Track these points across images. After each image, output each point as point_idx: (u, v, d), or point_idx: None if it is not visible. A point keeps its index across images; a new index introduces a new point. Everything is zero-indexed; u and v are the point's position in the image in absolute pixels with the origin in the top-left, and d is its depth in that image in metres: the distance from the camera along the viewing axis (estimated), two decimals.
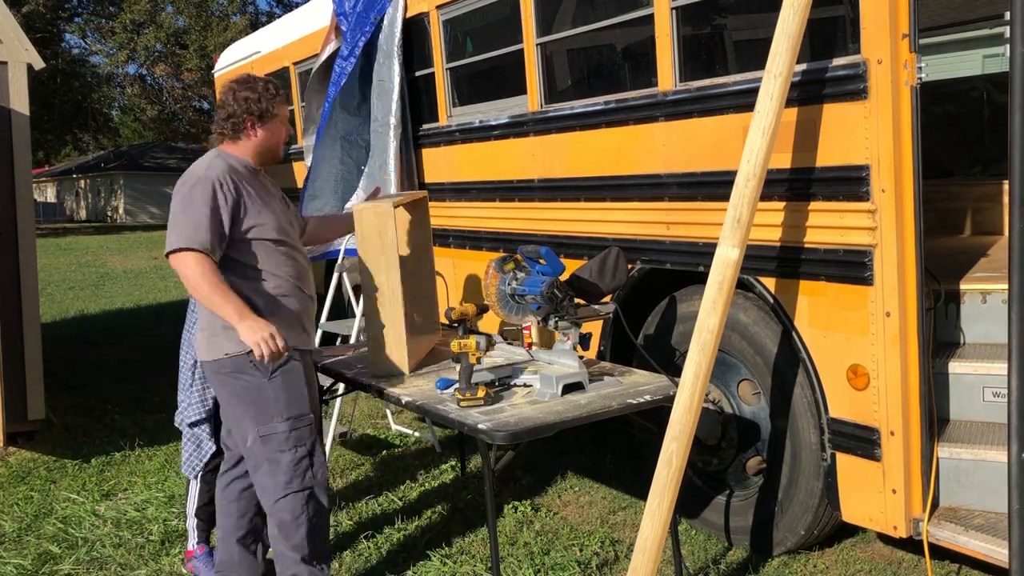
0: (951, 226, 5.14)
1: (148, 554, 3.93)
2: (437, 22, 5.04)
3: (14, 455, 5.46)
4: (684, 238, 3.71)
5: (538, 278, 3.25)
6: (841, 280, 3.15)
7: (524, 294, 3.30)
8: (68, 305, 12.59)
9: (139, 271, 17.59)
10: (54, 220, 44.43)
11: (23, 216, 5.73)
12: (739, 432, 3.77)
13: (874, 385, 3.10)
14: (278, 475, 3.08)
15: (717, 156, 3.51)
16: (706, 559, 3.66)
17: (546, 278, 3.21)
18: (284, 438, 3.08)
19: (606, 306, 3.48)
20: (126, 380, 7.46)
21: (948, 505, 3.16)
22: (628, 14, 3.89)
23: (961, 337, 3.45)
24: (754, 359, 3.59)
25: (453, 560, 3.73)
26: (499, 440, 2.89)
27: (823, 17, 3.43)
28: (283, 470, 3.08)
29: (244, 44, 8.24)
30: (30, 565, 3.86)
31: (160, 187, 43.21)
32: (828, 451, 3.31)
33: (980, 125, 5.70)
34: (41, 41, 29.14)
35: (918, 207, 2.97)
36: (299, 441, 3.11)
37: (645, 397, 3.15)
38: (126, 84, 38.82)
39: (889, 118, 2.93)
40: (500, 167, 4.71)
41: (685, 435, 2.93)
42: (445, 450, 5.17)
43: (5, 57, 5.62)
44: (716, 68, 3.67)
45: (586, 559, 3.66)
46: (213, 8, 35.96)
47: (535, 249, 3.32)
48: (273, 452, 3.08)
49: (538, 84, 4.41)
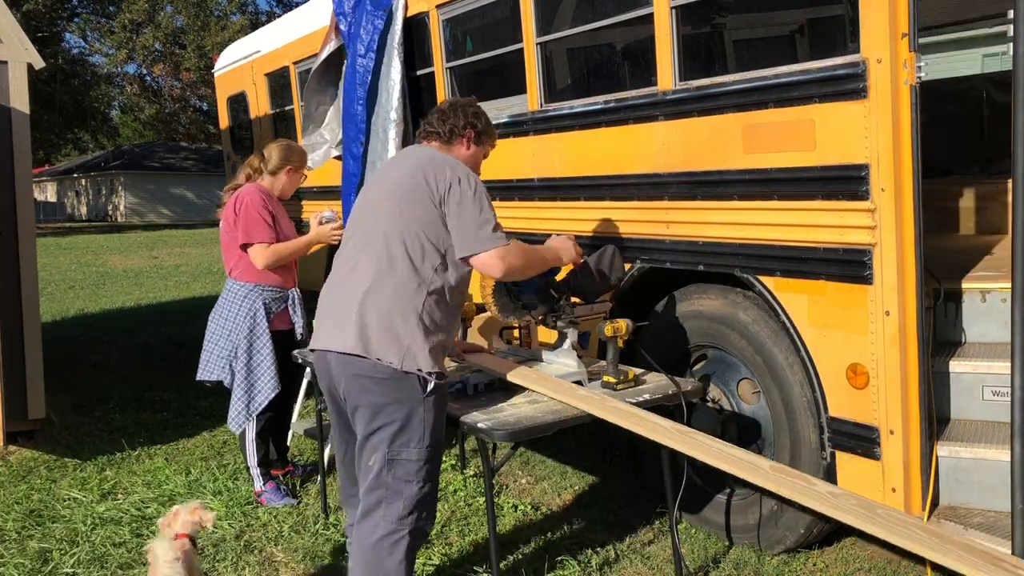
0: (951, 225, 5.14)
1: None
2: (437, 21, 5.05)
3: (14, 454, 5.47)
4: (684, 237, 3.72)
5: (534, 278, 3.23)
6: (841, 279, 3.15)
7: (520, 294, 3.29)
8: (68, 304, 12.60)
9: (139, 270, 17.60)
10: (54, 219, 44.43)
11: (23, 215, 5.73)
12: (739, 431, 3.77)
13: (873, 384, 3.11)
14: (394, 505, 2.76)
15: (717, 155, 3.51)
16: (706, 558, 3.66)
17: (542, 278, 3.21)
18: (416, 468, 2.77)
19: (603, 304, 3.48)
20: (126, 379, 7.46)
21: (948, 504, 3.16)
22: (628, 13, 3.89)
23: (961, 336, 3.45)
24: (754, 358, 3.59)
25: (453, 559, 3.73)
26: (499, 439, 2.90)
27: (822, 16, 3.43)
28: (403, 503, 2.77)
29: (244, 43, 8.24)
30: (30, 564, 3.86)
31: (167, 187, 43.28)
32: (828, 450, 3.32)
33: (979, 124, 5.70)
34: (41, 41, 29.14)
35: (917, 206, 2.97)
36: (430, 476, 2.81)
37: (645, 396, 3.15)
38: (125, 83, 38.84)
39: (888, 117, 2.93)
40: (500, 166, 4.71)
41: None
42: (445, 449, 5.18)
43: (5, 56, 5.62)
44: (716, 68, 3.67)
45: (586, 558, 3.66)
46: (212, 8, 35.97)
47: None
48: (399, 481, 2.77)
49: (538, 83, 4.41)
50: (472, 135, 3.12)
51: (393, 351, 2.74)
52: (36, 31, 29.62)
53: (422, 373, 2.76)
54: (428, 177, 2.85)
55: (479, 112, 3.17)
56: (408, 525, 2.76)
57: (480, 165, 3.22)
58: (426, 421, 2.77)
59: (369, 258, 2.83)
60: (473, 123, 3.12)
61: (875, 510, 2.55)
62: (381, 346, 2.74)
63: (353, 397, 2.80)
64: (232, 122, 8.57)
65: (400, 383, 2.74)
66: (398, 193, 2.87)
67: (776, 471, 2.81)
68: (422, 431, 2.76)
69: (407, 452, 2.76)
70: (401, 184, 2.89)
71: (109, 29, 36.34)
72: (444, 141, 3.11)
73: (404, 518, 2.76)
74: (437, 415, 2.82)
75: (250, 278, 4.39)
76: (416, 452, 2.76)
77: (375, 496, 2.78)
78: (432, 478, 2.82)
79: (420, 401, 2.76)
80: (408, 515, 2.76)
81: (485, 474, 3.07)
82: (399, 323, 2.76)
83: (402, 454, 2.75)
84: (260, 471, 4.45)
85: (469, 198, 2.83)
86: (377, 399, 2.76)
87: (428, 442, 2.78)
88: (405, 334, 2.75)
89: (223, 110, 8.64)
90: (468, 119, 3.11)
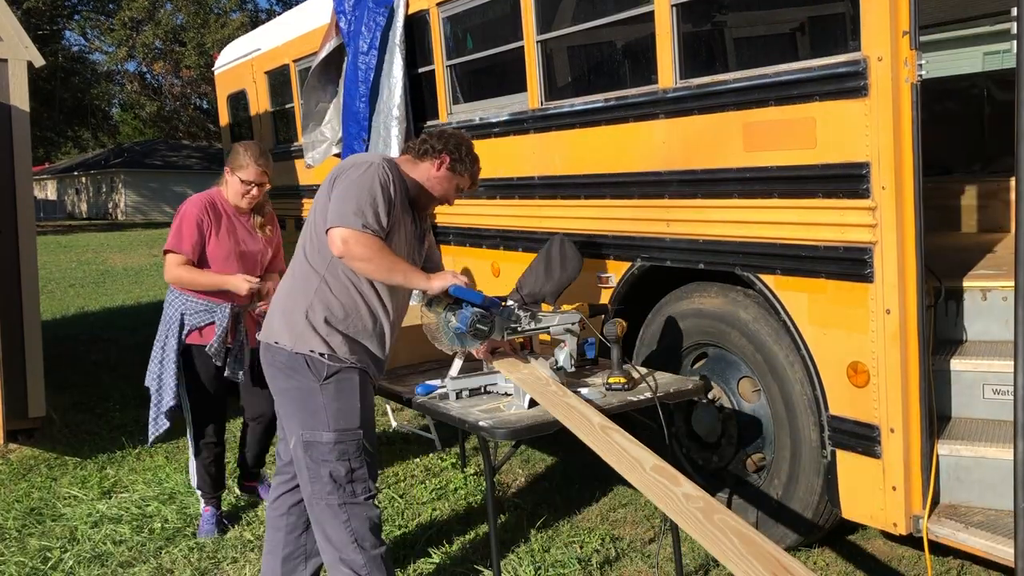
0: (952, 223, 5.14)
1: (149, 551, 3.94)
2: (437, 19, 5.04)
3: (15, 452, 5.47)
4: (684, 235, 3.71)
5: (466, 312, 3.00)
6: (841, 277, 3.15)
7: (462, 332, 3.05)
8: (69, 302, 12.60)
9: (140, 268, 17.60)
10: (55, 218, 44.42)
11: (23, 213, 5.73)
12: (739, 429, 3.77)
13: (874, 382, 3.11)
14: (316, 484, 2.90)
15: (717, 153, 3.51)
16: (706, 556, 3.66)
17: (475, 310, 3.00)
18: (328, 449, 2.88)
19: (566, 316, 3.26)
20: (127, 377, 7.46)
21: (948, 502, 3.16)
22: (628, 11, 3.89)
23: (962, 334, 3.45)
24: (754, 356, 3.59)
25: (453, 557, 3.73)
26: (499, 438, 2.90)
27: (823, 14, 3.43)
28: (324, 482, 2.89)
29: (244, 41, 8.23)
30: (31, 562, 3.86)
31: (169, 185, 43.25)
32: (828, 448, 3.32)
33: (980, 122, 5.69)
34: (41, 38, 29.15)
35: (918, 204, 2.97)
36: (342, 455, 2.90)
37: (644, 395, 3.15)
38: (125, 81, 38.84)
39: (889, 115, 2.92)
40: (500, 164, 4.71)
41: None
42: (446, 447, 5.18)
43: (5, 54, 5.62)
44: (716, 65, 3.67)
45: (586, 556, 3.66)
46: (212, 5, 35.97)
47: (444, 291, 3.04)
48: (315, 462, 2.90)
49: (538, 81, 4.41)
50: (447, 160, 3.08)
51: (286, 333, 2.91)
52: (36, 29, 29.63)
53: (314, 355, 2.87)
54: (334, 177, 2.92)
55: (463, 145, 3.12)
56: (339, 499, 2.87)
57: (450, 194, 3.14)
58: (327, 407, 2.87)
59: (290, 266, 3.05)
60: (452, 151, 3.08)
61: (712, 516, 2.35)
62: (278, 330, 2.94)
63: (270, 386, 3.02)
64: (232, 120, 8.57)
65: (296, 368, 2.89)
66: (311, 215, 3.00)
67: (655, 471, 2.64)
68: (326, 416, 2.86)
69: (318, 435, 2.87)
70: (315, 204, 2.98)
71: (109, 27, 36.32)
72: (416, 155, 3.11)
73: (332, 494, 2.87)
74: (343, 400, 2.89)
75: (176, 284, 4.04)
76: (326, 435, 2.87)
77: (304, 476, 2.93)
78: (351, 456, 2.89)
79: (319, 387, 2.87)
80: (337, 490, 2.87)
81: (486, 473, 3.07)
82: (296, 309, 2.92)
83: (313, 437, 2.87)
84: (201, 493, 4.22)
85: (353, 181, 2.84)
86: (281, 384, 2.94)
87: (336, 426, 2.87)
88: (299, 319, 2.90)
89: (223, 108, 8.63)
90: (448, 147, 3.08)
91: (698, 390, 3.35)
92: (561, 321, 3.26)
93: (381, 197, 2.84)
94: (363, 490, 2.91)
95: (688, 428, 4.01)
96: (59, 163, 50.59)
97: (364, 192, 2.82)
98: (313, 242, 2.95)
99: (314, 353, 2.88)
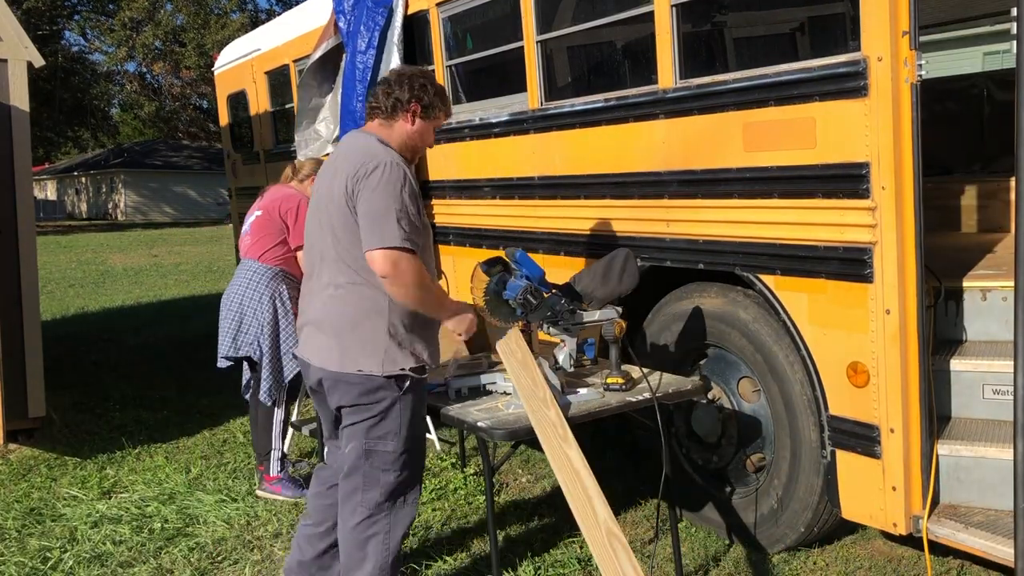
0: (952, 223, 5.14)
1: (149, 551, 3.94)
2: (437, 19, 5.04)
3: (15, 452, 5.47)
4: (684, 235, 3.71)
5: (520, 282, 3.11)
6: (841, 277, 3.15)
7: (508, 299, 3.15)
8: (69, 303, 12.60)
9: (140, 268, 17.60)
10: (54, 218, 44.41)
11: (23, 213, 5.72)
12: (739, 429, 3.77)
13: (874, 382, 3.10)
14: (372, 492, 2.90)
15: (717, 153, 3.51)
16: (706, 556, 3.66)
17: (528, 284, 3.10)
18: (393, 459, 2.90)
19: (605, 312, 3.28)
20: (126, 377, 7.46)
21: (948, 502, 3.16)
22: (628, 11, 3.88)
23: (961, 334, 3.45)
24: (754, 356, 3.59)
25: (453, 557, 3.73)
26: (498, 438, 2.90)
27: (823, 15, 3.43)
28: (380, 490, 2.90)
29: (244, 41, 8.23)
30: (31, 562, 3.86)
31: (169, 185, 43.24)
32: (828, 448, 3.32)
33: (980, 122, 5.69)
34: (41, 38, 29.15)
35: (918, 204, 2.97)
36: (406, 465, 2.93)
37: (644, 395, 3.15)
38: (125, 81, 38.86)
39: (889, 115, 2.92)
40: (500, 164, 4.71)
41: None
42: (445, 447, 5.18)
43: (5, 55, 5.62)
44: (716, 66, 3.67)
45: (586, 556, 3.66)
46: (212, 6, 35.98)
47: (512, 252, 3.20)
48: (375, 470, 2.90)
49: (538, 81, 4.40)
50: (418, 109, 2.96)
51: (367, 359, 2.83)
52: (36, 29, 29.63)
53: (396, 372, 2.84)
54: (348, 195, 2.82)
55: (427, 83, 2.99)
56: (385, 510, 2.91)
57: (430, 137, 3.07)
58: (403, 416, 2.88)
59: (330, 272, 2.90)
60: (419, 95, 2.95)
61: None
62: (357, 355, 2.84)
63: (335, 397, 2.92)
64: (232, 120, 8.57)
65: (375, 382, 2.84)
66: (328, 216, 2.89)
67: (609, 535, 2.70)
68: (398, 425, 2.87)
69: (383, 444, 2.87)
70: (330, 205, 2.88)
71: (109, 27, 36.33)
72: (386, 116, 2.98)
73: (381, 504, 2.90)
74: (414, 410, 2.92)
75: (278, 263, 4.52)
76: (392, 444, 2.88)
77: (351, 483, 2.92)
78: (409, 467, 2.92)
79: (397, 398, 2.87)
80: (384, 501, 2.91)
81: (485, 473, 3.07)
82: (367, 331, 2.84)
83: (379, 446, 2.87)
84: (278, 455, 4.56)
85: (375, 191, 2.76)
86: (354, 396, 2.87)
87: (405, 434, 2.89)
88: (375, 340, 2.83)
89: (223, 108, 8.63)
90: (414, 92, 2.95)
91: (698, 390, 3.35)
92: (601, 317, 3.24)
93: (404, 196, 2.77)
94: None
95: (688, 428, 4.01)
96: (59, 163, 50.58)
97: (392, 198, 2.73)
98: (352, 254, 2.83)
99: (396, 371, 2.84)
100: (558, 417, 2.92)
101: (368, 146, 2.89)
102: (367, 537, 2.90)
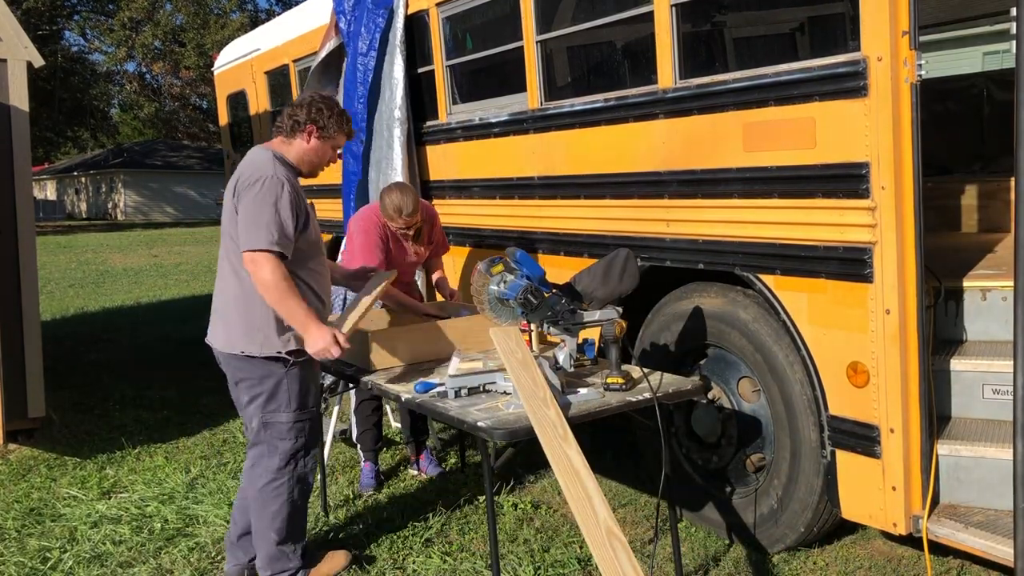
0: (951, 223, 5.14)
1: (149, 551, 3.94)
2: (437, 19, 5.04)
3: (14, 452, 5.47)
4: (684, 235, 3.71)
5: (521, 282, 3.15)
6: (841, 277, 3.15)
7: (508, 299, 3.20)
8: (68, 303, 12.60)
9: (139, 268, 17.60)
10: (54, 218, 44.40)
11: (23, 213, 5.72)
12: (739, 429, 3.77)
13: (874, 382, 3.11)
14: (274, 459, 3.37)
15: (717, 153, 3.51)
16: (706, 556, 3.66)
17: (529, 283, 3.11)
18: (287, 428, 3.36)
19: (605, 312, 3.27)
20: (126, 377, 7.46)
21: (948, 502, 3.16)
22: (628, 11, 3.88)
23: (961, 334, 3.45)
24: (754, 356, 3.59)
25: (453, 557, 3.73)
26: (498, 438, 2.90)
27: (823, 14, 3.43)
28: (280, 456, 3.37)
29: (244, 41, 8.23)
30: (30, 562, 3.86)
31: (169, 185, 43.23)
32: (828, 448, 3.32)
33: (980, 122, 5.70)
34: (40, 38, 29.15)
35: (918, 204, 2.97)
36: (300, 432, 3.39)
37: (644, 395, 3.15)
38: (125, 82, 38.86)
39: (889, 115, 2.92)
40: (500, 164, 4.71)
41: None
42: (445, 447, 5.17)
43: (5, 55, 5.61)
44: (716, 66, 3.67)
45: (586, 556, 3.66)
46: (211, 6, 35.98)
47: (512, 252, 3.23)
48: (274, 439, 3.36)
49: (538, 81, 4.41)
50: (314, 130, 3.36)
51: (249, 342, 3.28)
52: (36, 29, 29.64)
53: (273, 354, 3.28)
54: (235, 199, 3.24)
55: (323, 108, 3.36)
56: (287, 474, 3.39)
57: (329, 157, 3.46)
58: (291, 389, 3.33)
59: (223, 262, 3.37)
60: (315, 118, 3.34)
61: None
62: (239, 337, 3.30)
63: (228, 373, 3.42)
64: (232, 120, 8.57)
65: (262, 363, 3.30)
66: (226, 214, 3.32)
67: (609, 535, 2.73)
68: (287, 398, 3.33)
69: (276, 416, 3.34)
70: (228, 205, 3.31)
71: (108, 27, 36.33)
72: (287, 135, 3.39)
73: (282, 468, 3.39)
74: (302, 383, 3.37)
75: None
76: (285, 416, 3.35)
77: (257, 451, 3.41)
78: (304, 434, 3.40)
79: (283, 374, 3.32)
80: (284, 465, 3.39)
81: (485, 472, 3.07)
82: (249, 316, 3.27)
83: (273, 418, 3.34)
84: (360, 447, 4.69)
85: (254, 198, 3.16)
86: (244, 374, 3.35)
87: (295, 405, 3.36)
88: (253, 323, 3.26)
89: (223, 108, 8.63)
90: (311, 115, 3.34)
91: (697, 390, 3.35)
92: (601, 317, 3.25)
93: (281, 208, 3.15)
94: None
95: (688, 428, 4.01)
96: (59, 163, 50.55)
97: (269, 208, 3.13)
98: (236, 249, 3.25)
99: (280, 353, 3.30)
100: (558, 417, 2.92)
101: (259, 160, 3.27)
102: (271, 498, 3.37)
